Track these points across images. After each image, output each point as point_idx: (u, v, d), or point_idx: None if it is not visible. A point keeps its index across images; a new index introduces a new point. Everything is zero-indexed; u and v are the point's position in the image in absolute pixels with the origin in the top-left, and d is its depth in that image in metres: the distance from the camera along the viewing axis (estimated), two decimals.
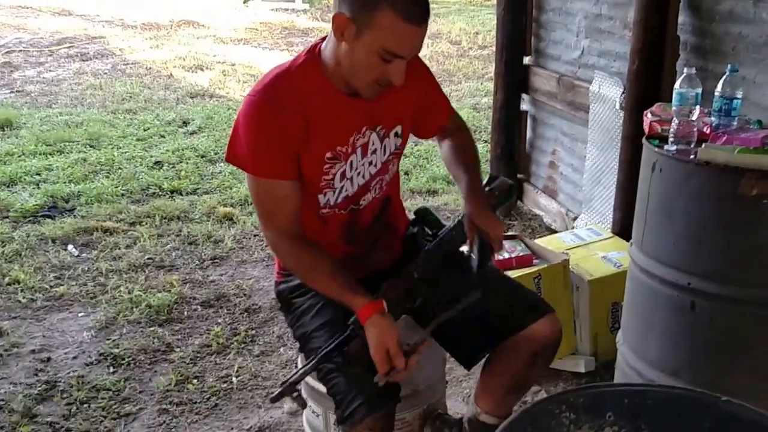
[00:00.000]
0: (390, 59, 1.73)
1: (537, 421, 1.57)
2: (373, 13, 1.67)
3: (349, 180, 1.94)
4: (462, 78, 8.98)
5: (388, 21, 1.67)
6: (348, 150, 1.90)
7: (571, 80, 3.93)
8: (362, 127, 1.91)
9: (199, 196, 5.10)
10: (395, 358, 1.75)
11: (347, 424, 1.81)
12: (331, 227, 2.00)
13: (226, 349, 3.24)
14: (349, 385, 1.81)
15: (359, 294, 1.80)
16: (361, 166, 1.94)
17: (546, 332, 1.96)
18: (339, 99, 1.86)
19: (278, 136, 1.80)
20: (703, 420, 1.58)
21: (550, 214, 4.32)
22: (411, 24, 1.69)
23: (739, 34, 2.73)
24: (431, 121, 2.13)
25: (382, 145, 1.97)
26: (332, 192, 1.93)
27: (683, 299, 2.14)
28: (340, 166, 1.91)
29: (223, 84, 8.70)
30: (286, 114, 1.80)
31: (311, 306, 1.98)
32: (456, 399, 2.84)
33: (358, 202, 1.99)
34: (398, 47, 1.72)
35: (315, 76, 1.85)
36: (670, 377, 2.19)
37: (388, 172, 2.03)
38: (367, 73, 1.77)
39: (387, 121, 1.95)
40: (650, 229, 2.25)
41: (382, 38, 1.69)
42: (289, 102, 1.81)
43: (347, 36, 1.72)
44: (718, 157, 2.01)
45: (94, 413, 2.81)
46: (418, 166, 5.71)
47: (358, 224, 2.03)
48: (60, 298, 3.69)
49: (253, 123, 1.82)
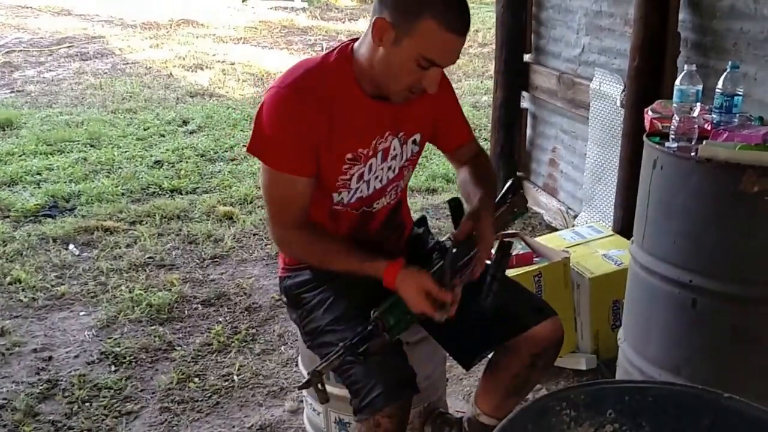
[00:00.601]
0: (427, 67, 1.73)
1: (537, 418, 1.57)
2: (417, 22, 1.66)
3: (366, 183, 1.94)
4: (462, 76, 8.98)
5: (431, 30, 1.67)
6: (369, 153, 1.90)
7: (572, 78, 3.93)
8: (385, 131, 1.91)
9: (198, 195, 5.10)
10: (439, 294, 1.76)
11: (365, 412, 1.79)
12: (340, 224, 1.99)
13: (227, 348, 3.24)
14: (368, 374, 1.80)
15: (379, 259, 1.82)
16: (379, 170, 1.94)
17: (548, 334, 1.97)
18: (365, 101, 1.85)
19: (302, 132, 1.79)
20: (704, 417, 1.58)
21: (551, 212, 4.32)
22: (453, 34, 1.69)
23: (740, 31, 2.73)
24: (452, 136, 2.14)
25: (402, 150, 1.97)
26: (347, 192, 1.93)
27: (684, 297, 2.13)
28: (359, 168, 1.90)
29: (223, 83, 8.69)
30: (313, 110, 1.79)
31: (322, 300, 1.97)
32: (456, 397, 2.84)
33: (371, 205, 1.99)
34: (438, 56, 1.72)
35: (345, 76, 1.83)
36: (671, 375, 2.19)
37: (403, 178, 2.03)
38: (402, 78, 1.77)
39: (408, 128, 1.96)
40: (651, 227, 2.24)
41: (423, 46, 1.69)
42: (316, 98, 1.80)
43: (386, 41, 1.71)
44: (719, 154, 2.01)
45: (96, 412, 2.81)
46: (417, 164, 5.66)
47: (368, 227, 2.03)
48: (61, 297, 3.69)
49: (278, 116, 1.80)
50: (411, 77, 1.75)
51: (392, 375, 1.79)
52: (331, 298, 1.96)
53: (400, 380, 1.81)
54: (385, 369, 1.79)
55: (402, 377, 1.82)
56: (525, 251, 3.01)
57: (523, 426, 1.53)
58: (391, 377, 1.79)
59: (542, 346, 1.97)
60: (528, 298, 2.07)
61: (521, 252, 2.99)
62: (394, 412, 1.78)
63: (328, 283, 1.98)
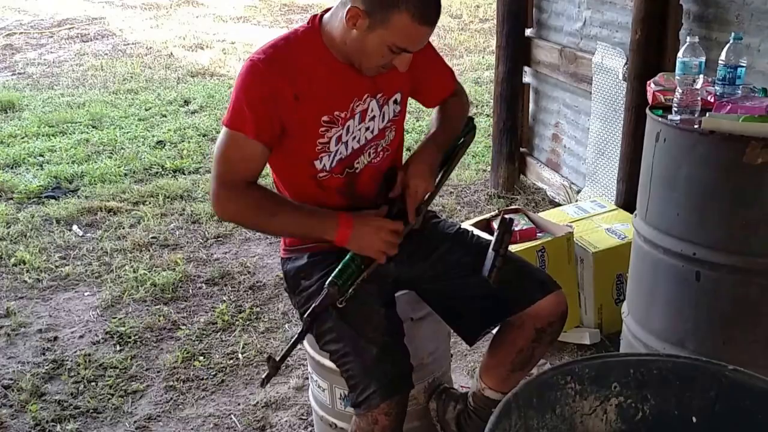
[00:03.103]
0: (399, 52, 1.80)
1: (543, 391, 1.57)
2: (391, 13, 1.72)
3: (344, 144, 1.95)
4: (463, 52, 8.91)
5: (404, 23, 1.73)
6: (346, 115, 1.92)
7: (574, 52, 3.90)
8: (364, 93, 1.93)
9: (201, 174, 5.09)
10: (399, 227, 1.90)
11: (362, 408, 1.85)
12: (329, 192, 1.99)
13: (232, 326, 3.25)
14: (364, 371, 1.84)
15: (328, 215, 1.89)
16: (357, 131, 1.96)
17: (552, 309, 1.98)
18: (340, 67, 1.88)
19: (264, 96, 1.82)
20: (709, 389, 1.59)
21: (553, 187, 4.31)
22: (426, 26, 1.77)
23: (743, 2, 2.70)
24: (435, 90, 2.16)
25: (381, 112, 1.99)
26: (327, 156, 1.94)
27: (688, 270, 2.13)
28: (337, 131, 1.92)
29: (224, 62, 8.65)
30: (280, 79, 1.82)
31: (319, 288, 1.96)
32: (461, 373, 2.85)
33: (352, 165, 1.99)
34: (409, 45, 1.80)
35: (315, 46, 1.88)
36: (675, 348, 2.19)
37: (384, 138, 2.03)
38: (373, 60, 1.83)
39: (387, 89, 1.97)
40: (654, 200, 2.23)
41: (396, 36, 1.76)
42: (284, 68, 1.83)
43: (359, 26, 1.76)
44: (722, 126, 2.00)
45: (102, 391, 2.83)
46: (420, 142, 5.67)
47: (357, 189, 2.02)
48: (65, 278, 3.70)
49: (245, 83, 1.84)
50: (382, 60, 1.82)
51: (388, 371, 1.83)
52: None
53: (395, 377, 1.85)
54: (381, 365, 1.83)
55: (397, 373, 1.86)
56: (528, 226, 3.00)
57: (528, 399, 1.53)
58: (387, 374, 1.83)
59: (547, 320, 1.98)
60: (532, 273, 2.08)
61: (524, 227, 2.99)
62: (390, 409, 1.83)
63: (326, 270, 1.97)
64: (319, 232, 1.90)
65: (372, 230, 1.87)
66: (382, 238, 1.87)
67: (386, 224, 1.89)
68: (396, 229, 1.89)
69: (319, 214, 1.91)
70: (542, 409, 1.56)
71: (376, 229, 1.87)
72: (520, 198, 4.44)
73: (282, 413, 2.70)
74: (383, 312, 1.92)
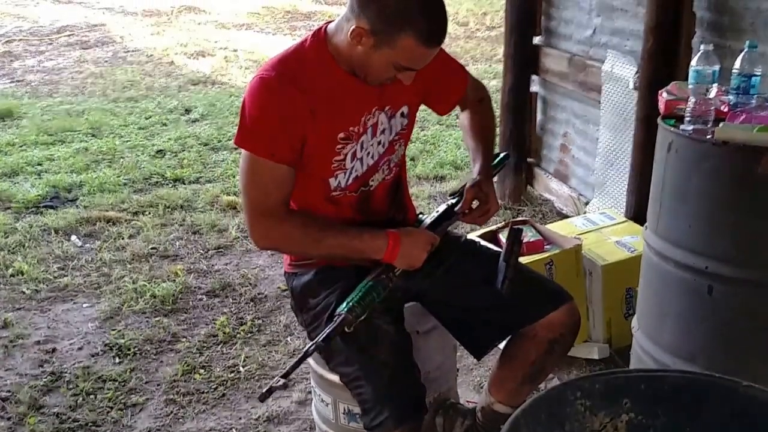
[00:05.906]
0: (403, 71, 1.79)
1: (552, 407, 1.55)
2: (398, 35, 1.71)
3: (359, 160, 1.92)
4: (470, 60, 8.87)
5: (411, 45, 1.71)
6: (359, 130, 1.89)
7: (583, 60, 3.86)
8: (372, 107, 1.91)
9: (202, 184, 5.05)
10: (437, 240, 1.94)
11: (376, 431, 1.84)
12: (343, 209, 1.97)
13: (233, 339, 3.20)
14: (376, 397, 1.82)
15: (376, 236, 1.87)
16: (370, 146, 1.93)
17: (566, 320, 1.97)
18: (348, 80, 1.85)
19: (284, 117, 1.78)
20: (723, 406, 1.56)
21: (562, 198, 4.26)
22: (431, 48, 1.76)
23: (758, 9, 2.67)
24: (447, 98, 2.14)
25: (390, 125, 1.96)
26: (343, 174, 1.91)
27: (700, 283, 2.09)
28: (352, 147, 1.89)
29: (226, 70, 8.63)
30: (295, 96, 1.78)
31: (327, 306, 1.94)
32: (467, 388, 2.81)
33: (367, 183, 1.97)
34: (414, 65, 1.79)
35: (323, 60, 1.84)
36: (686, 363, 2.15)
37: (394, 153, 2.01)
38: (379, 75, 1.81)
39: (394, 102, 1.95)
40: (665, 212, 2.19)
41: (401, 57, 1.75)
42: (297, 84, 1.80)
43: (364, 44, 1.74)
44: (736, 137, 1.96)
45: (101, 404, 2.79)
46: (425, 151, 5.65)
47: (372, 205, 2.01)
48: (64, 288, 3.66)
49: (259, 102, 1.80)
50: (388, 74, 1.81)
51: (401, 397, 1.82)
52: (335, 304, 1.92)
53: (409, 403, 1.84)
54: (394, 390, 1.82)
55: (411, 399, 1.85)
56: (536, 238, 2.96)
57: (537, 416, 1.51)
58: (400, 400, 1.82)
59: (560, 331, 1.97)
60: (544, 284, 2.08)
61: (532, 239, 2.95)
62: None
63: (333, 287, 1.94)
64: (368, 253, 1.87)
65: (420, 245, 1.89)
66: (426, 250, 1.90)
67: (431, 238, 1.92)
68: (435, 242, 1.92)
69: (367, 236, 1.88)
70: (551, 425, 1.53)
71: (424, 243, 1.89)
72: (527, 209, 4.40)
73: (284, 428, 2.66)
74: (392, 330, 1.90)
